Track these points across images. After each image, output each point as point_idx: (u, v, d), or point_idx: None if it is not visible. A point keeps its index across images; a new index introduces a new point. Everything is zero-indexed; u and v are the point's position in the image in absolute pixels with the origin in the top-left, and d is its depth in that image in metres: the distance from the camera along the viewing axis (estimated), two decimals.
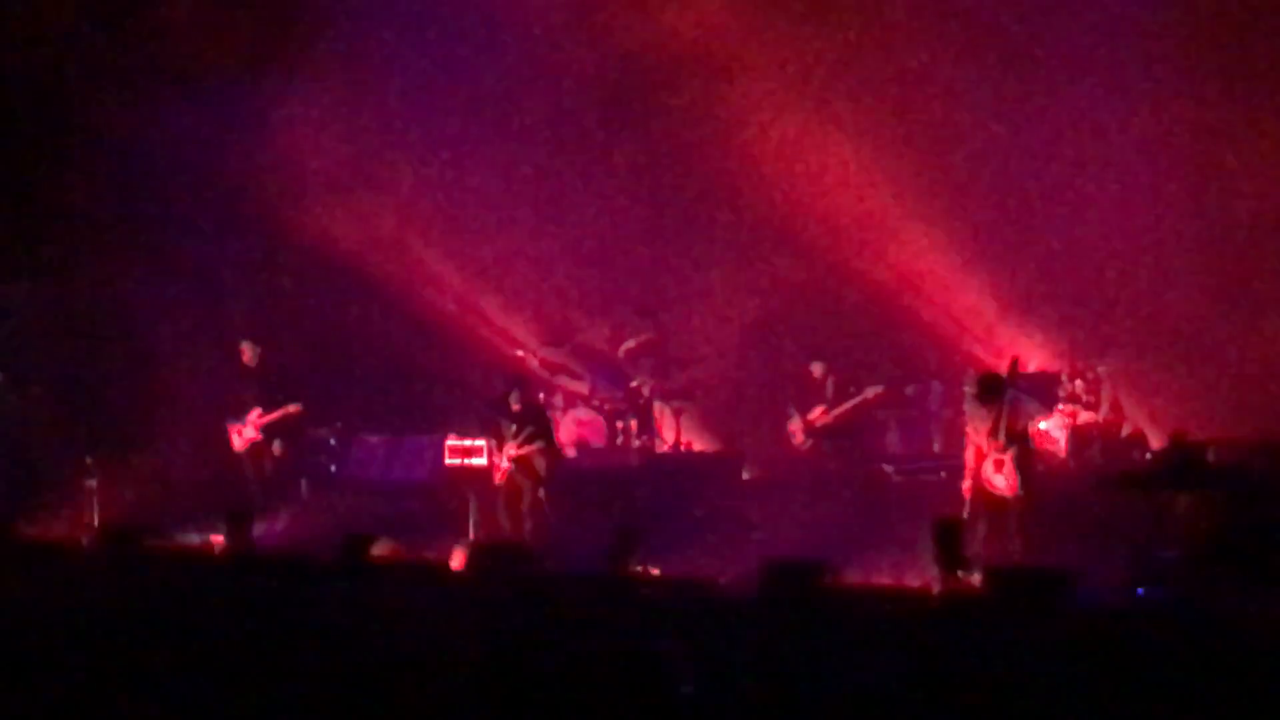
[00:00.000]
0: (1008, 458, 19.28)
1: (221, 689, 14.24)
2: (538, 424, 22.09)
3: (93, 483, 22.73)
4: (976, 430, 19.40)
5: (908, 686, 13.30)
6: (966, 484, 19.36)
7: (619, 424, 24.12)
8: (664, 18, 24.16)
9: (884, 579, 18.37)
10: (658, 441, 24.09)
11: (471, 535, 21.22)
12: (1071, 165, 23.44)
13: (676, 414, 24.22)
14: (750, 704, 13.02)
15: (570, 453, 23.59)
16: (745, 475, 23.07)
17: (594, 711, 13.01)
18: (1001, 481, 19.30)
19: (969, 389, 20.11)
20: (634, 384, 24.19)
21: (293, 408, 23.31)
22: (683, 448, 24.19)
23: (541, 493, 21.86)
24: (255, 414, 23.29)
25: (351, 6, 25.58)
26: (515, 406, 21.92)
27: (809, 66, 24.02)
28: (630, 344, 24.47)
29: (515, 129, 25.97)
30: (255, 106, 24.90)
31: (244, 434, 23.35)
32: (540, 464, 21.81)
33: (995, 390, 19.56)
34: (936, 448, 22.84)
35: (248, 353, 23.62)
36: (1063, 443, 21.83)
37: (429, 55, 25.56)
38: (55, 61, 24.78)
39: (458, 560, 19.87)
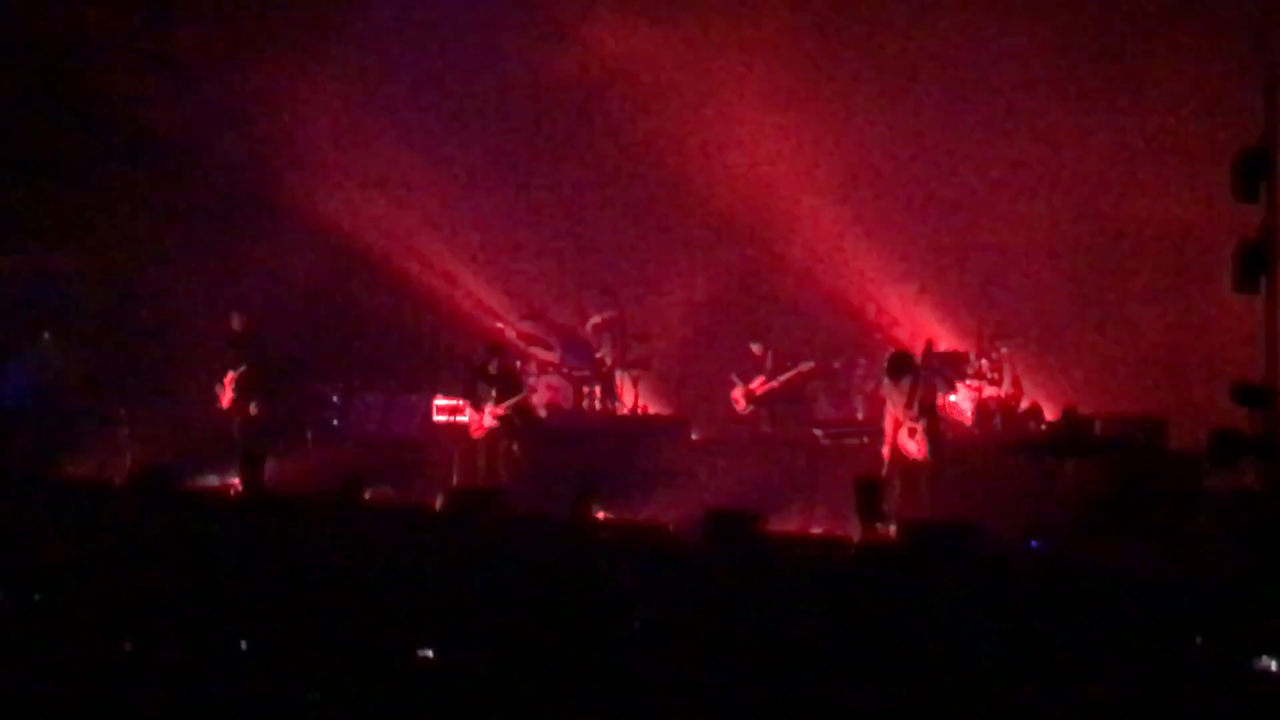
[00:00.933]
0: (920, 427, 19.36)
1: (234, 607, 14.27)
2: (514, 387, 22.14)
3: (125, 429, 22.71)
4: (894, 402, 19.48)
5: (830, 619, 13.37)
6: (885, 448, 19.41)
7: (584, 389, 24.09)
8: (629, 40, 24.24)
9: (812, 528, 18.44)
10: (617, 405, 24.04)
11: (454, 481, 21.21)
12: (983, 179, 23.54)
13: (634, 381, 24.19)
14: (694, 631, 13.07)
15: (541, 413, 23.54)
16: (693, 436, 23.03)
17: (557, 636, 13.05)
18: (914, 447, 19.37)
19: (885, 373, 20.27)
20: (598, 355, 24.15)
21: (235, 372, 23.20)
22: (639, 411, 24.17)
23: (515, 447, 21.88)
24: (229, 377, 23.23)
25: (361, 19, 25.66)
26: (494, 372, 21.96)
27: (753, 87, 24.08)
28: (595, 320, 24.40)
29: (499, 134, 26.01)
30: (274, 100, 24.92)
31: (225, 395, 23.29)
32: (515, 422, 21.85)
33: (903, 367, 19.67)
34: (860, 416, 22.83)
35: (236, 321, 23.49)
36: (969, 414, 21.89)
37: (425, 60, 25.58)
38: (104, 59, 24.57)
39: (441, 503, 19.88)
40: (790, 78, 23.92)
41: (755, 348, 23.00)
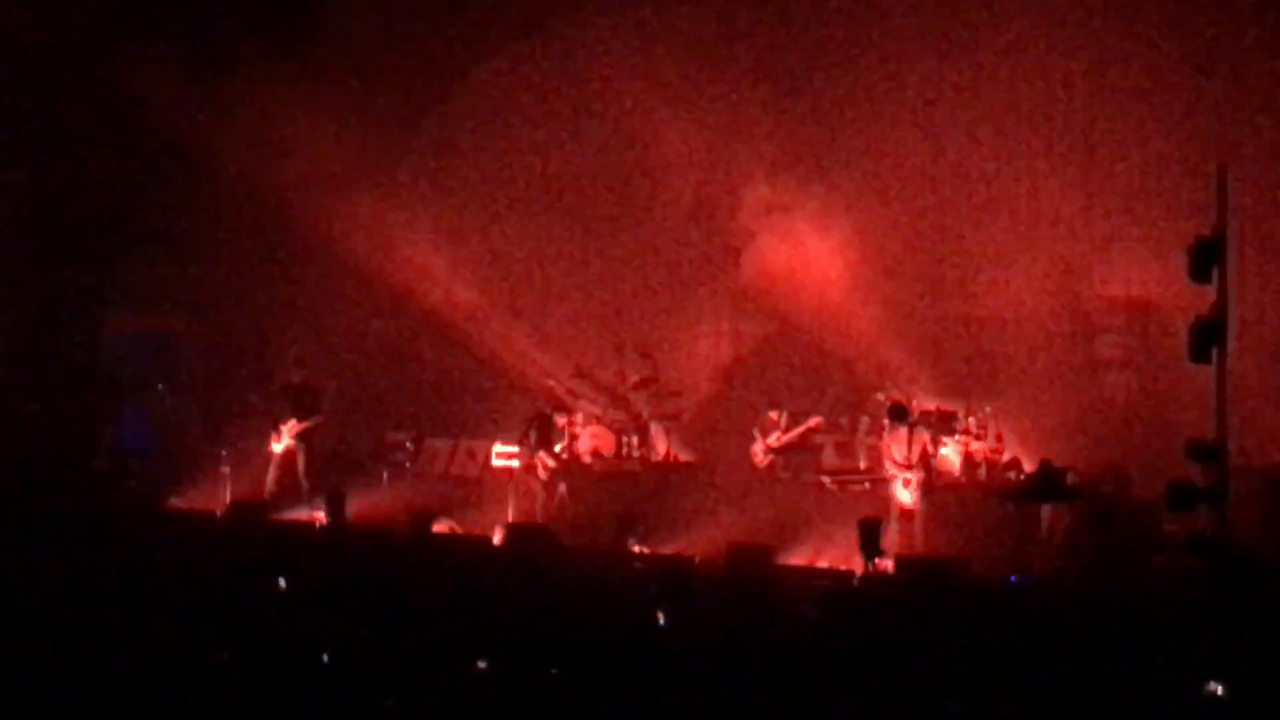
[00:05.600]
0: (913, 475, 19.45)
1: (317, 624, 14.31)
2: (562, 438, 22.30)
3: (226, 469, 22.73)
4: (894, 448, 19.67)
5: (836, 641, 13.39)
6: (884, 493, 19.47)
7: (624, 439, 24.07)
8: (667, 134, 24.51)
9: (820, 562, 18.42)
10: (653, 453, 24.05)
11: (510, 518, 21.23)
12: (974, 259, 23.65)
13: (667, 432, 24.15)
14: (717, 650, 13.08)
15: (587, 459, 23.57)
16: (717, 480, 23.03)
17: (597, 651, 13.07)
18: (907, 498, 19.51)
19: (886, 419, 20.35)
20: (636, 408, 24.20)
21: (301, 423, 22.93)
22: (671, 458, 24.16)
23: (563, 488, 21.93)
24: (293, 425, 22.85)
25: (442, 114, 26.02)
26: (540, 422, 22.23)
27: (778, 180, 24.24)
28: (634, 379, 24.43)
29: (552, 218, 26.23)
30: (363, 188, 25.26)
31: (281, 439, 22.82)
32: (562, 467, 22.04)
33: (902, 415, 19.87)
34: (862, 465, 22.76)
35: (296, 374, 23.10)
36: (958, 465, 21.81)
37: (494, 156, 25.98)
38: (212, 141, 24.54)
39: (498, 537, 19.90)
40: (808, 174, 24.14)
41: (773, 414, 22.92)
